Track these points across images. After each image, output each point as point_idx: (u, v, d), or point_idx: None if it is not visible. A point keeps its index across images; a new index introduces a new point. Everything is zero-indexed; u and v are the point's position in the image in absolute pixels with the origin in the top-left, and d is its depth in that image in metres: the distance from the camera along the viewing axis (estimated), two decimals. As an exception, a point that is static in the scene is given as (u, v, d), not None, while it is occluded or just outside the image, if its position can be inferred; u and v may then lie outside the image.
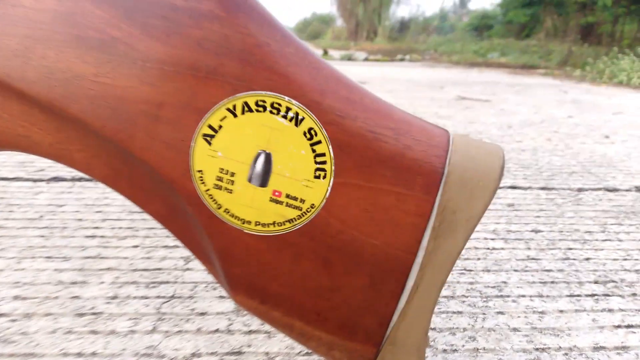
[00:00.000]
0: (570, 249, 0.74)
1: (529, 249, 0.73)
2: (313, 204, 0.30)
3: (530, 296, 0.59)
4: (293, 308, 0.34)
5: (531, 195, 1.00)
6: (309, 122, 0.30)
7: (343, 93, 0.31)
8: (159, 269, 0.61)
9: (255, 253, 0.33)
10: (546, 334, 0.51)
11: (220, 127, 0.30)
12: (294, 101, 0.30)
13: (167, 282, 0.58)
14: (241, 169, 0.30)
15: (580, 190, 1.05)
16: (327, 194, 0.30)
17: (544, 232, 0.80)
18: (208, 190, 0.30)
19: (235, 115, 0.30)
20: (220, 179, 0.30)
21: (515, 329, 0.52)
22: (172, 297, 0.54)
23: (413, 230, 0.31)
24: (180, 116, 0.30)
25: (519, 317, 0.55)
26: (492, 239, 0.76)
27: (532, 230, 0.81)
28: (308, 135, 0.30)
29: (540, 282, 0.63)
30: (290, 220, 0.30)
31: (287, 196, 0.30)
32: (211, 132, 0.30)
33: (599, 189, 1.06)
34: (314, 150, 0.30)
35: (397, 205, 0.30)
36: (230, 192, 0.30)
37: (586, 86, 3.79)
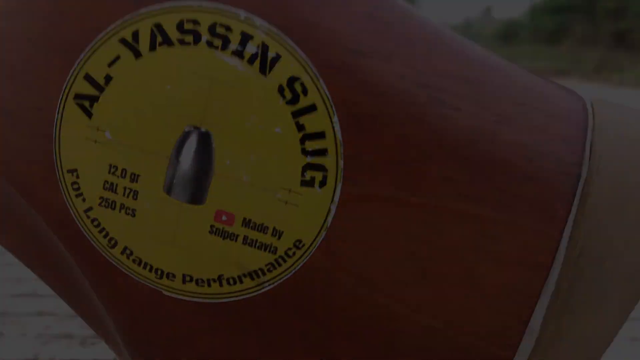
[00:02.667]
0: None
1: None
2: (299, 241, 0.16)
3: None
4: None
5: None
6: (289, 66, 0.15)
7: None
8: (109, 313, 0.43)
9: (189, 334, 0.16)
10: None
11: (109, 79, 0.16)
12: (258, 20, 0.15)
13: (115, 335, 0.40)
14: (152, 165, 0.16)
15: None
16: (329, 218, 0.16)
17: None
18: (90, 209, 0.16)
19: (138, 55, 0.16)
20: (111, 188, 0.16)
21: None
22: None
23: (513, 299, 0.16)
24: (29, 58, 0.16)
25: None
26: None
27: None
28: (288, 94, 0.15)
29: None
30: (252, 274, 0.16)
31: (246, 223, 0.16)
32: (91, 91, 0.16)
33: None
34: (300, 128, 0.16)
35: (480, 246, 0.16)
36: (133, 215, 0.16)
37: (626, 91, 3.58)
